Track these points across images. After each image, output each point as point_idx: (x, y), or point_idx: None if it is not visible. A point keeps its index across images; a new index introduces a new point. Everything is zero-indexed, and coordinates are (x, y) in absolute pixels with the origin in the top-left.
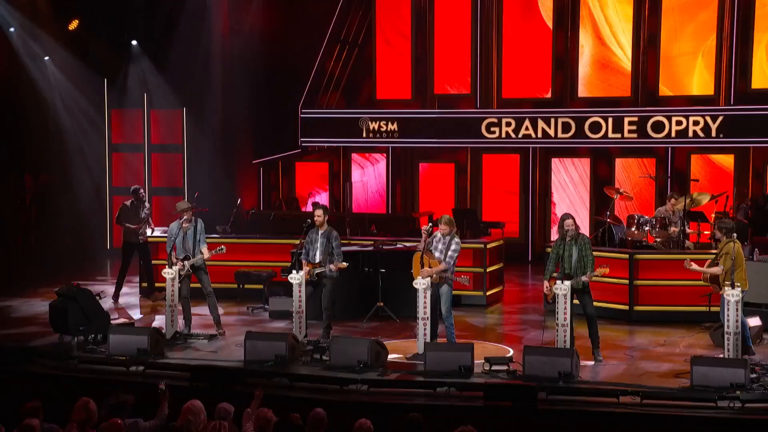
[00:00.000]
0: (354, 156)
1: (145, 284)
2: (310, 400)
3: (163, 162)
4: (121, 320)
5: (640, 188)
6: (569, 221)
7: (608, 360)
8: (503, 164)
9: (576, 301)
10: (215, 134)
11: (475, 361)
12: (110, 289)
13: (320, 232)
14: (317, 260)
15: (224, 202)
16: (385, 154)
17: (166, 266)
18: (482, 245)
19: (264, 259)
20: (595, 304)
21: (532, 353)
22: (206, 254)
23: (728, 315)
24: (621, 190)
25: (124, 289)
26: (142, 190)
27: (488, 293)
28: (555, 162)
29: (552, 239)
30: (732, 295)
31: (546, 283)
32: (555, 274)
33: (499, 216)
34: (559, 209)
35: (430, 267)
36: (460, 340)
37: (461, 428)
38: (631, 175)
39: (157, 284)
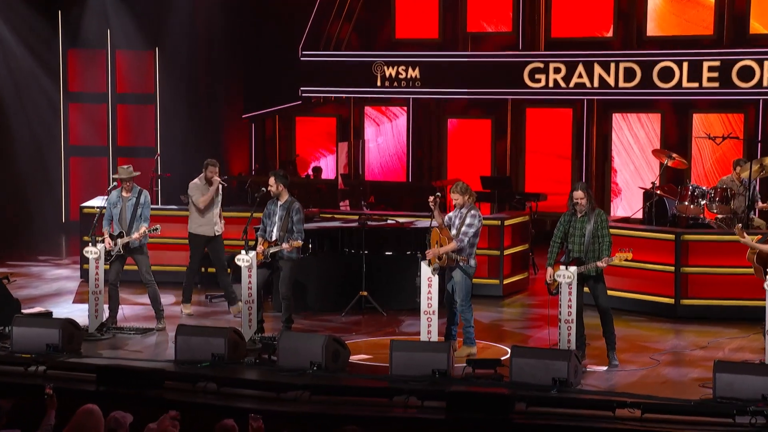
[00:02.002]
0: (368, 110)
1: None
2: (235, 410)
3: (131, 115)
4: (38, 309)
5: (722, 152)
6: (579, 193)
7: (626, 365)
8: (551, 121)
9: (587, 290)
10: (195, 82)
11: (457, 365)
12: (47, 271)
13: (280, 203)
14: (274, 237)
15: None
16: (405, 108)
17: (89, 244)
18: (498, 222)
19: (230, 237)
20: (631, 296)
21: (521, 355)
22: (136, 234)
23: None
24: (673, 155)
25: (60, 271)
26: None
27: (506, 281)
28: (616, 118)
29: (613, 214)
30: None
31: (549, 270)
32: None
33: (546, 186)
34: (621, 177)
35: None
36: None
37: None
38: (713, 134)
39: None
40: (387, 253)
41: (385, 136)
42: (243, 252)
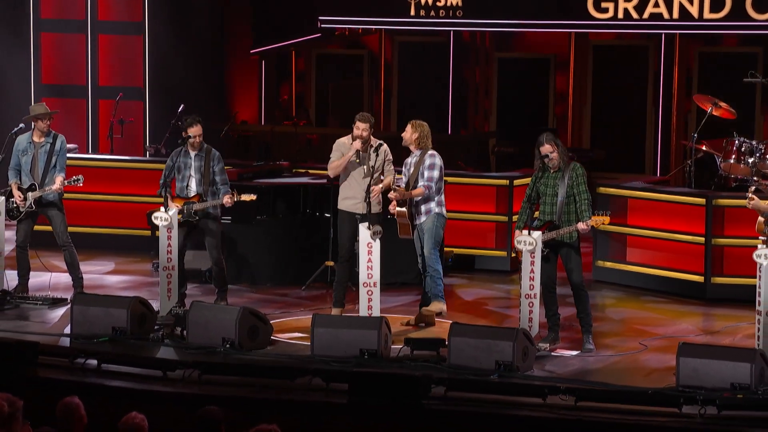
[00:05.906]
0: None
1: None
2: (112, 389)
3: (115, 49)
4: None
5: None
6: (547, 147)
7: (605, 350)
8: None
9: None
10: (193, 7)
11: (394, 346)
12: None
13: (194, 153)
14: (194, 192)
15: (205, 112)
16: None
17: None
18: (507, 181)
19: (143, 193)
20: (655, 272)
21: (461, 334)
22: (57, 184)
23: (760, 286)
24: (719, 102)
25: None
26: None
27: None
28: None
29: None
30: (763, 255)
31: (517, 234)
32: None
33: (613, 141)
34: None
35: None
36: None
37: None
38: None
39: None
40: None
41: None
42: (162, 209)
